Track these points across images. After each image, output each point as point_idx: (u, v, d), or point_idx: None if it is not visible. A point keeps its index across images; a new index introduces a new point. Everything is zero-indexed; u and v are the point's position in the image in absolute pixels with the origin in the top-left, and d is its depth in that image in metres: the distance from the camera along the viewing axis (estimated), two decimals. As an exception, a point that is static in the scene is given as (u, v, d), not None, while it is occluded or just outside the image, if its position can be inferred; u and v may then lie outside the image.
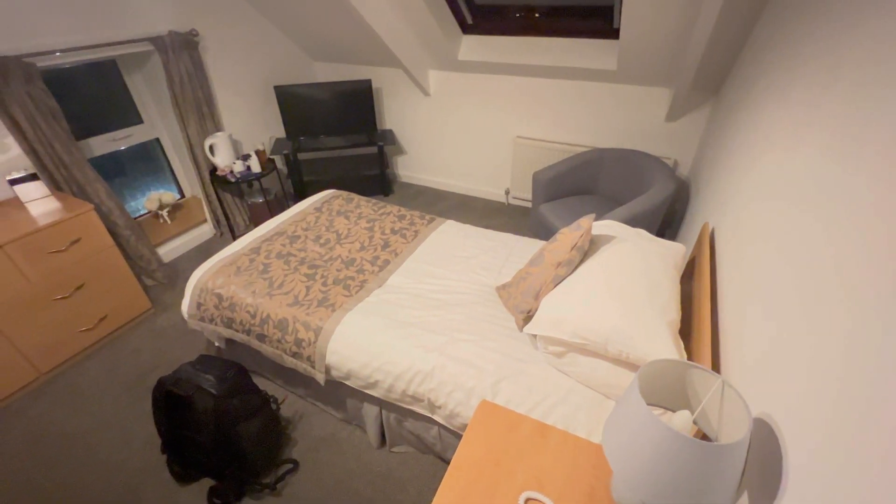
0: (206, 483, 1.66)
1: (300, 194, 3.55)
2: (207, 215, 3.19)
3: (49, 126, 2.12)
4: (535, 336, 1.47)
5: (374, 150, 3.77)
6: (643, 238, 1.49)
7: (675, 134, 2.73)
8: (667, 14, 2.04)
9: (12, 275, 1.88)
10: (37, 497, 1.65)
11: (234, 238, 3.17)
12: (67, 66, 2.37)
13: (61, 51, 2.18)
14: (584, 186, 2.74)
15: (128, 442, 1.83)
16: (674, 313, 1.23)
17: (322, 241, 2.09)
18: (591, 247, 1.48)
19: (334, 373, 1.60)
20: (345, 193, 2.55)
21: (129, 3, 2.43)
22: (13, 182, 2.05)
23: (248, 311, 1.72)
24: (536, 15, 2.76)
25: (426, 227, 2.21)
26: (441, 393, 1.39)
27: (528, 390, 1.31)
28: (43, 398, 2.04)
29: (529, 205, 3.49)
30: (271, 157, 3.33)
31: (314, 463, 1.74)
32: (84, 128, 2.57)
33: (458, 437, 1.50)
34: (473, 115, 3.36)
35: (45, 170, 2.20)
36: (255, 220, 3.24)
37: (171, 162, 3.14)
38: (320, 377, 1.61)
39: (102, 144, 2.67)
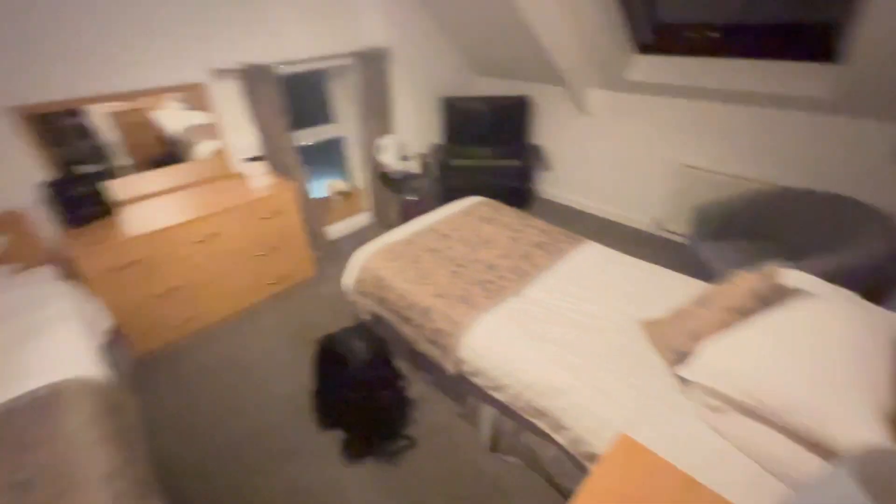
0: (340, 435, 1.90)
1: (447, 197, 3.81)
2: (368, 205, 3.65)
3: (277, 119, 2.69)
4: (685, 382, 1.34)
5: (518, 163, 3.84)
6: (850, 300, 1.24)
7: (904, 180, 2.19)
8: None
9: (235, 231, 2.43)
10: (214, 400, 2.09)
11: (387, 228, 3.56)
12: (292, 73, 2.97)
13: (293, 62, 2.74)
14: (760, 230, 2.38)
15: (285, 379, 2.20)
16: (885, 396, 1.00)
17: (468, 243, 2.22)
18: (776, 299, 1.29)
19: (464, 367, 1.69)
20: (492, 202, 2.67)
21: (346, 25, 2.93)
22: (247, 160, 2.65)
23: (398, 294, 1.92)
24: (728, 33, 2.50)
25: (569, 245, 2.18)
26: (570, 415, 1.36)
27: (671, 440, 1.21)
28: (233, 331, 2.58)
29: (682, 240, 3.16)
30: (428, 161, 3.65)
31: (428, 447, 1.86)
32: (295, 122, 3.18)
33: (577, 464, 1.45)
34: (633, 137, 3.19)
35: (268, 153, 2.79)
36: (406, 215, 3.59)
37: (349, 157, 3.67)
38: (450, 367, 1.72)
39: (305, 137, 3.27)
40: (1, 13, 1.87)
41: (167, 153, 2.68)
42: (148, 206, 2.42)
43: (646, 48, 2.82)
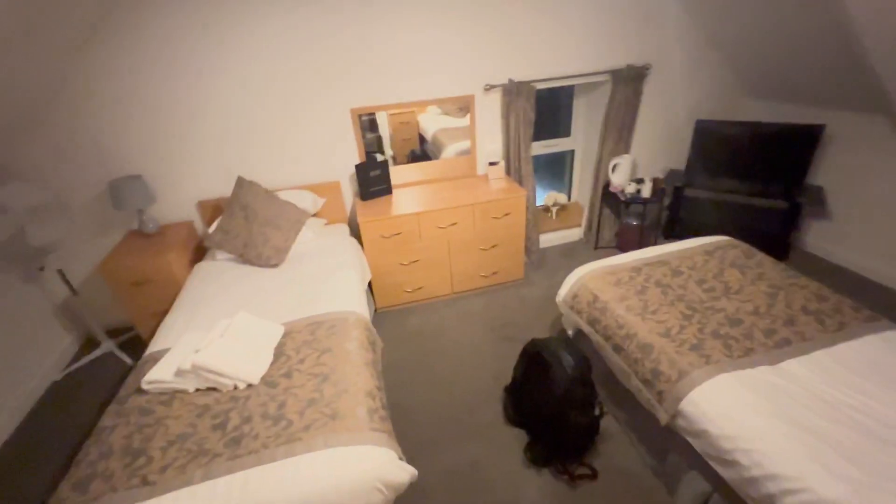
0: (521, 434, 1.98)
1: (671, 228, 3.45)
2: (583, 222, 3.62)
3: (523, 130, 2.92)
4: None
5: (784, 205, 3.13)
6: None
7: None
8: None
9: (470, 223, 2.77)
10: (425, 361, 2.44)
11: (596, 247, 3.46)
12: (544, 88, 3.16)
13: (551, 79, 2.91)
14: None
15: (481, 366, 2.41)
16: None
17: (706, 286, 1.96)
18: None
19: (681, 422, 1.51)
20: (744, 246, 2.28)
21: (611, 44, 2.94)
22: (490, 164, 2.97)
23: (616, 321, 1.86)
24: None
25: (859, 322, 1.69)
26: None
27: None
28: (448, 308, 2.96)
29: None
30: (663, 187, 3.36)
31: (609, 486, 1.76)
32: (535, 133, 3.39)
33: None
34: None
35: (506, 159, 3.06)
36: (621, 239, 3.41)
37: (574, 171, 3.70)
38: (664, 417, 1.57)
39: (539, 147, 3.45)
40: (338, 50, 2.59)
41: (421, 150, 3.24)
42: (408, 192, 2.99)
43: None
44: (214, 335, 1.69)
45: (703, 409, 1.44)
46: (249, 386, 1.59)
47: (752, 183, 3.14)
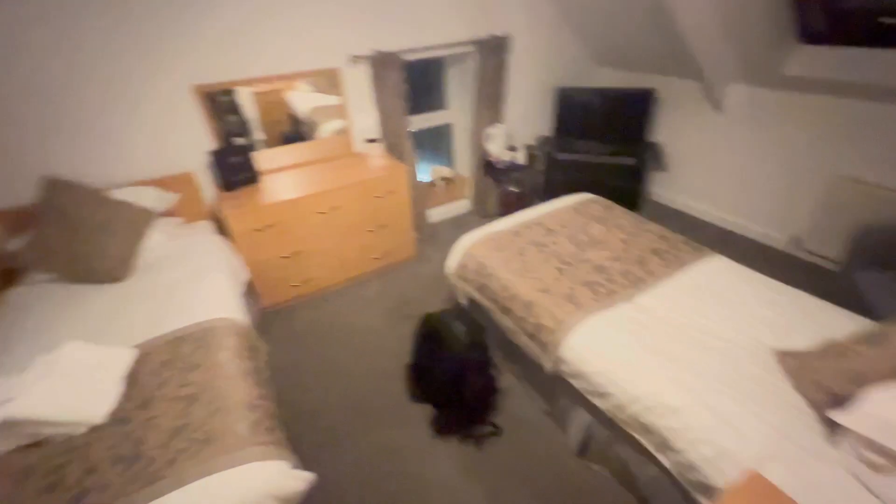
0: (428, 409, 1.99)
1: (549, 191, 3.72)
2: (468, 193, 3.71)
3: (397, 104, 2.83)
4: (836, 428, 1.16)
5: (631, 161, 3.57)
6: None
7: None
8: None
9: (353, 205, 2.64)
10: (320, 363, 2.31)
11: (485, 217, 3.59)
12: (414, 60, 3.09)
13: (419, 49, 2.85)
14: (946, 262, 1.95)
15: (382, 349, 2.36)
16: None
17: (575, 240, 2.15)
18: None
19: (563, 367, 1.65)
20: (603, 200, 2.54)
21: (473, 13, 2.96)
22: (367, 141, 2.84)
23: (501, 284, 1.93)
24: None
25: (692, 255, 2.00)
26: (682, 437, 1.27)
27: (811, 488, 1.06)
28: (340, 297, 2.82)
29: (830, 265, 2.71)
30: (535, 152, 3.58)
31: (513, 438, 1.87)
32: (410, 107, 3.32)
33: (681, 491, 1.34)
34: (779, 141, 2.79)
35: (385, 135, 2.95)
36: (505, 206, 3.58)
37: (454, 144, 3.75)
38: (548, 365, 1.70)
39: (418, 122, 3.40)
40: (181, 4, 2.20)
41: (295, 131, 2.98)
42: (281, 177, 2.73)
43: (813, 37, 2.42)
44: (32, 377, 1.35)
45: (578, 351, 1.58)
46: (92, 429, 1.31)
47: (607, 143, 3.50)
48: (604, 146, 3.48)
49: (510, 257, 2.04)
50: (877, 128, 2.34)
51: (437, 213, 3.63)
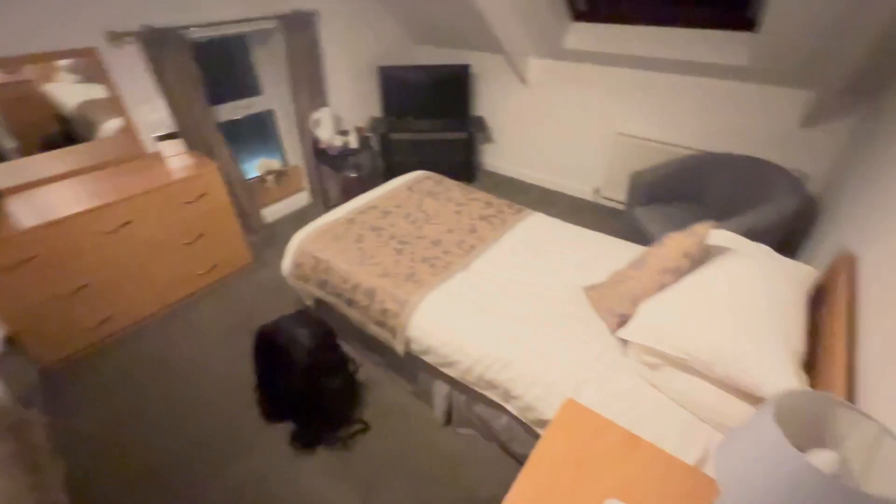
0: (288, 427, 1.82)
1: (389, 172, 3.69)
2: (306, 184, 3.44)
3: (191, 91, 2.40)
4: (625, 343, 1.39)
5: (462, 135, 3.78)
6: (766, 255, 1.34)
7: (809, 143, 2.39)
8: (827, 4, 1.78)
9: (152, 218, 2.18)
10: (149, 406, 1.92)
11: (327, 207, 3.38)
12: (207, 39, 2.66)
13: (205, 25, 2.44)
14: (688, 193, 2.52)
15: (226, 375, 2.06)
16: (798, 342, 1.09)
17: (411, 219, 2.15)
18: (703, 257, 1.36)
19: (414, 346, 1.65)
20: (435, 176, 2.60)
21: (264, -17, 2.65)
22: (159, 138, 2.36)
23: (341, 276, 1.83)
24: (656, 2, 2.55)
25: (514, 216, 2.18)
26: (519, 384, 1.38)
27: (614, 398, 1.26)
28: (164, 326, 2.36)
29: (621, 206, 3.29)
30: (367, 135, 3.48)
31: (382, 429, 1.83)
32: (215, 95, 2.87)
33: (528, 430, 1.48)
34: (571, 106, 3.23)
35: (183, 130, 2.50)
36: (347, 193, 3.43)
37: (280, 132, 3.41)
38: (400, 348, 1.68)
39: (228, 111, 2.97)
40: None
41: (63, 132, 2.32)
42: (42, 193, 2.10)
43: (580, 16, 2.82)
44: None
45: (423, 328, 1.59)
46: None
47: (437, 120, 3.61)
48: (435, 123, 3.57)
49: (347, 247, 1.94)
50: (637, 91, 2.87)
51: (273, 211, 3.29)
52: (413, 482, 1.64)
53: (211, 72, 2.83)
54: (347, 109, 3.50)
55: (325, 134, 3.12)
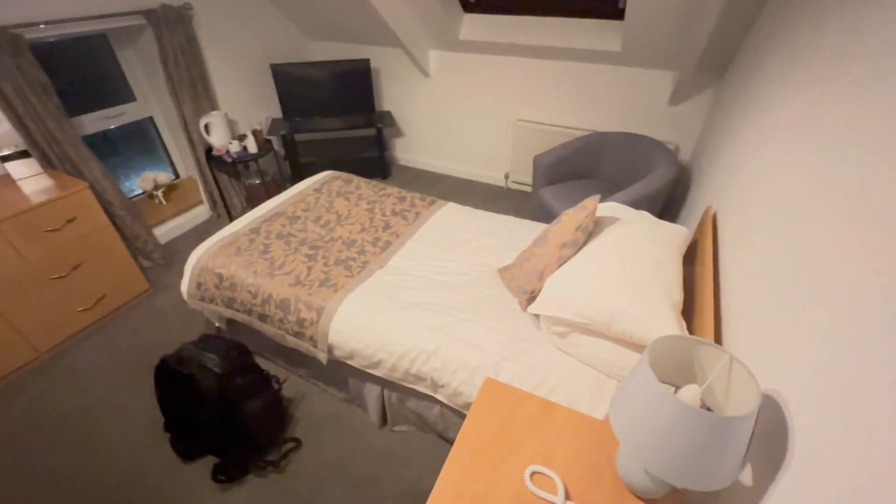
0: (210, 460, 1.67)
1: (297, 176, 3.51)
2: (203, 196, 3.15)
3: (39, 101, 2.06)
4: (538, 317, 1.48)
5: (372, 132, 3.71)
6: (647, 220, 1.49)
7: (678, 118, 2.71)
8: None
9: (8, 253, 1.85)
10: (38, 477, 1.66)
11: (231, 219, 3.13)
12: (56, 39, 2.30)
13: (47, 22, 2.10)
14: (584, 170, 2.73)
15: (129, 420, 1.84)
16: (677, 294, 1.24)
17: (322, 222, 2.07)
18: (595, 228, 1.48)
19: (337, 352, 1.60)
20: (344, 175, 2.52)
21: (119, -26, 2.34)
22: (3, 159, 2.00)
23: (249, 291, 1.71)
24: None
25: (427, 208, 2.20)
26: (445, 372, 1.40)
27: (532, 370, 1.33)
28: (43, 377, 2.03)
29: (530, 189, 3.48)
30: (268, 137, 3.27)
31: (317, 442, 1.76)
32: (76, 104, 2.50)
33: (461, 415, 1.52)
34: (474, 97, 3.32)
35: (37, 147, 2.14)
36: (252, 202, 3.20)
37: (166, 141, 3.08)
38: (322, 356, 1.62)
39: (95, 122, 2.61)
40: None
41: None
42: None
43: (470, 7, 2.89)
44: None
45: (345, 333, 1.55)
46: None
47: (343, 117, 3.50)
48: (341, 120, 3.46)
49: (253, 259, 1.81)
50: (529, 79, 3.02)
51: (169, 230, 2.97)
52: (356, 487, 1.61)
53: (67, 78, 2.47)
54: (242, 112, 3.25)
55: (218, 140, 2.88)
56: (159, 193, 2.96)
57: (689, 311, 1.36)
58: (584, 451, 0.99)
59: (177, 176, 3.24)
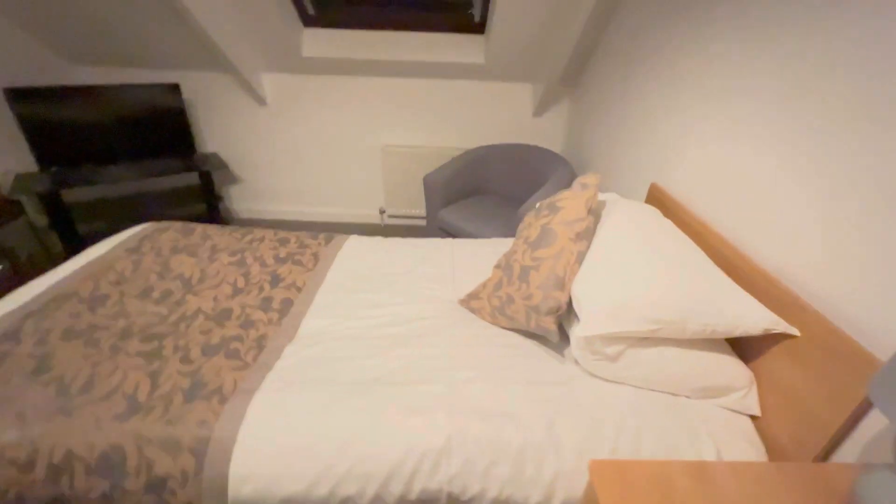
0: None
1: (74, 252, 2.33)
2: None
3: None
4: (555, 346, 1.07)
5: (194, 179, 2.78)
6: (631, 203, 1.28)
7: (543, 127, 2.80)
8: (538, 12, 2.04)
9: None
10: None
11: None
12: None
13: None
14: (479, 186, 2.54)
15: None
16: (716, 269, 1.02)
17: (156, 295, 1.24)
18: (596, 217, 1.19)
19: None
20: (175, 224, 1.68)
21: None
22: None
23: (13, 461, 0.80)
24: (384, 5, 2.47)
25: (325, 247, 1.59)
26: (473, 475, 0.84)
27: (597, 423, 0.89)
28: None
29: (410, 222, 3.11)
30: (14, 199, 2.07)
31: None
32: None
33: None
34: (328, 124, 2.83)
35: None
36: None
37: None
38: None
39: None
40: None
41: None
42: None
43: (311, 21, 2.47)
44: None
45: (261, 473, 0.83)
46: None
47: (143, 163, 2.53)
48: (141, 168, 2.48)
49: (12, 392, 0.89)
50: (391, 99, 2.73)
51: None
52: None
53: None
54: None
55: None
56: None
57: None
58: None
59: None
